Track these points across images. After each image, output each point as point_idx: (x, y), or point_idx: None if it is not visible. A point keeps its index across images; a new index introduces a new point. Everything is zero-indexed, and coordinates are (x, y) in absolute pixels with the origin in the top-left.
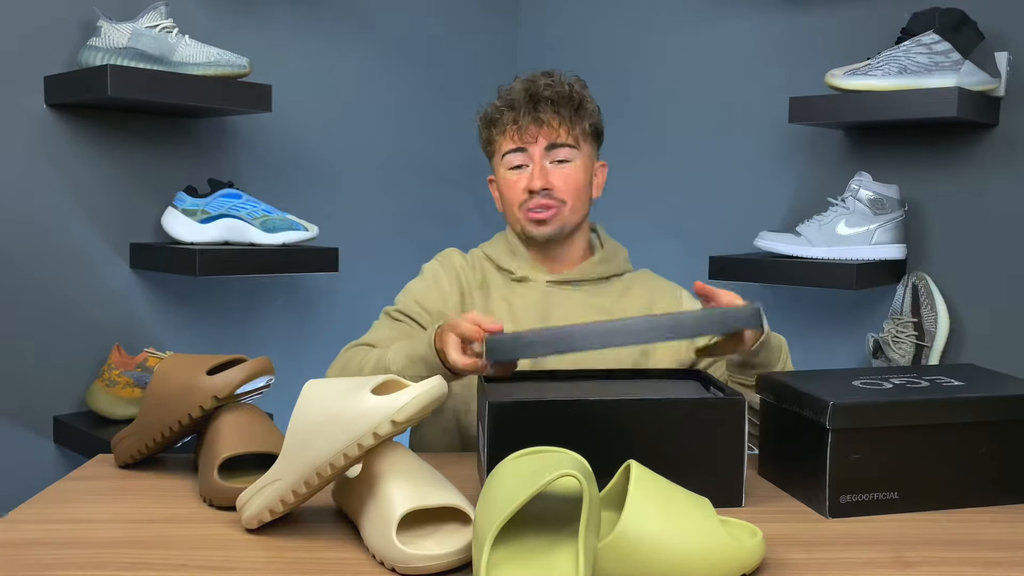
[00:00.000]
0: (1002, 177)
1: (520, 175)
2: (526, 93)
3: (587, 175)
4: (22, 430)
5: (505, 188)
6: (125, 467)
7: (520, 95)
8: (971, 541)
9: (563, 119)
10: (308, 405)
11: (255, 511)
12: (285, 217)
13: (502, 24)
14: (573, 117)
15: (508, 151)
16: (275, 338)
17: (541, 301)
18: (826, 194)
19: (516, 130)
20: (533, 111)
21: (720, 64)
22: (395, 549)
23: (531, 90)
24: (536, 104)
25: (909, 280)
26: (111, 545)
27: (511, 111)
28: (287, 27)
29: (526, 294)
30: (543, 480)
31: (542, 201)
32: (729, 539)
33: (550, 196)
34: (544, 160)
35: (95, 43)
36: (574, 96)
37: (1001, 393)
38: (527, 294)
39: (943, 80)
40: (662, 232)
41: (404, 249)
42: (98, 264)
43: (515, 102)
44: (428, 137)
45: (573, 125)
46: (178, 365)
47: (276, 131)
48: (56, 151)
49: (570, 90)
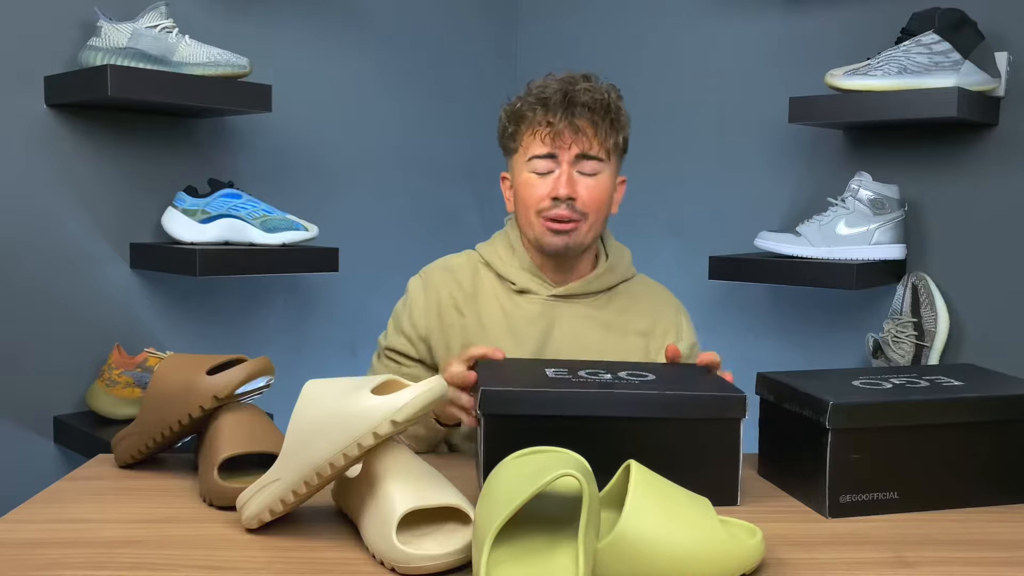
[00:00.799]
0: (1002, 177)
1: (544, 180)
2: (563, 95)
3: (611, 190)
4: (22, 430)
5: (526, 189)
6: (125, 467)
7: (556, 96)
8: (971, 541)
9: (598, 129)
10: (308, 405)
11: (255, 511)
12: (285, 217)
13: (502, 24)
14: (608, 128)
15: (537, 155)
16: (275, 338)
17: (542, 315)
18: (826, 194)
19: (549, 133)
20: (570, 116)
21: (720, 64)
22: (395, 549)
23: (568, 92)
24: (573, 108)
25: (909, 280)
26: (111, 545)
27: (544, 111)
28: (287, 27)
29: (527, 307)
30: (543, 480)
31: (564, 211)
32: (729, 539)
33: (572, 207)
34: (572, 168)
35: (95, 43)
36: (611, 106)
37: (1001, 393)
38: (528, 307)
39: (943, 80)
40: (662, 232)
41: (404, 249)
42: (98, 264)
43: (550, 102)
44: (428, 137)
45: (607, 137)
46: (178, 365)
47: (276, 131)
48: (56, 151)
49: (608, 98)
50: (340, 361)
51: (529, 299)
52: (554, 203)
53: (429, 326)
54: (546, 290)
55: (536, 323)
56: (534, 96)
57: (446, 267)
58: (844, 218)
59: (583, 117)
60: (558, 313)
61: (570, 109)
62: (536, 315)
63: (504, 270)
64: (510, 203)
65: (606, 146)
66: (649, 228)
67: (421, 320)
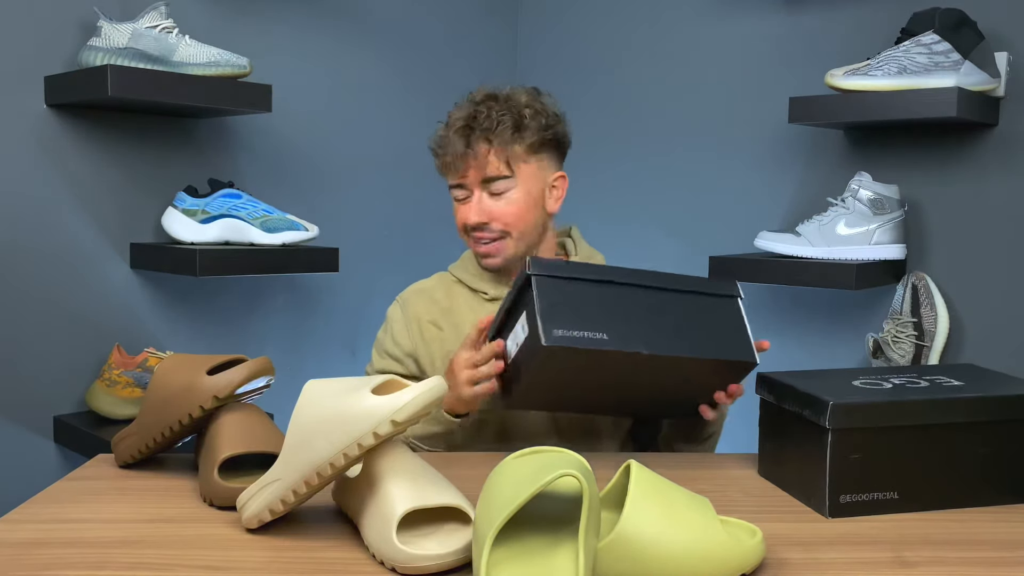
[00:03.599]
0: (1002, 177)
1: (464, 204)
2: (463, 123)
3: (531, 197)
4: (22, 430)
5: (455, 215)
6: (125, 467)
7: (457, 125)
8: (971, 541)
9: (495, 148)
10: (308, 405)
11: (255, 511)
12: (285, 217)
13: (502, 24)
14: (509, 140)
15: (451, 185)
16: (275, 338)
17: None
18: (826, 194)
19: (451, 165)
20: (465, 146)
21: (720, 64)
22: (395, 549)
23: (467, 121)
24: (468, 137)
25: (909, 280)
26: (111, 545)
27: (445, 147)
28: (287, 27)
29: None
30: (543, 480)
31: (484, 234)
32: (729, 539)
33: (490, 229)
34: (483, 192)
35: (95, 43)
36: (513, 115)
37: (1000, 393)
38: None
39: (943, 80)
40: (662, 232)
41: (404, 249)
42: (98, 264)
43: (449, 136)
44: (428, 137)
45: (512, 147)
46: (178, 365)
47: (276, 131)
48: (56, 151)
49: (509, 109)
50: (340, 361)
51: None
52: (475, 227)
53: (413, 342)
54: None
55: None
56: (444, 128)
57: (419, 290)
58: (844, 218)
59: (478, 143)
60: None
61: (465, 138)
62: None
63: (475, 283)
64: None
65: (512, 159)
66: (649, 228)
67: (404, 338)
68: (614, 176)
